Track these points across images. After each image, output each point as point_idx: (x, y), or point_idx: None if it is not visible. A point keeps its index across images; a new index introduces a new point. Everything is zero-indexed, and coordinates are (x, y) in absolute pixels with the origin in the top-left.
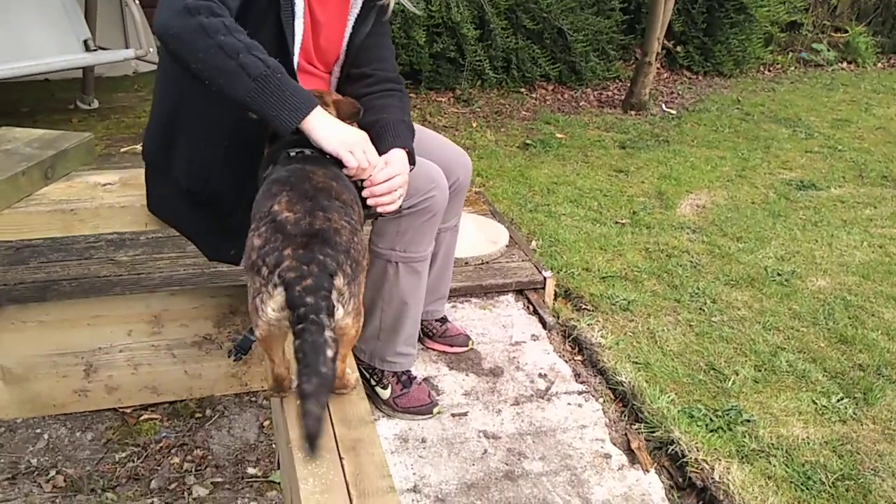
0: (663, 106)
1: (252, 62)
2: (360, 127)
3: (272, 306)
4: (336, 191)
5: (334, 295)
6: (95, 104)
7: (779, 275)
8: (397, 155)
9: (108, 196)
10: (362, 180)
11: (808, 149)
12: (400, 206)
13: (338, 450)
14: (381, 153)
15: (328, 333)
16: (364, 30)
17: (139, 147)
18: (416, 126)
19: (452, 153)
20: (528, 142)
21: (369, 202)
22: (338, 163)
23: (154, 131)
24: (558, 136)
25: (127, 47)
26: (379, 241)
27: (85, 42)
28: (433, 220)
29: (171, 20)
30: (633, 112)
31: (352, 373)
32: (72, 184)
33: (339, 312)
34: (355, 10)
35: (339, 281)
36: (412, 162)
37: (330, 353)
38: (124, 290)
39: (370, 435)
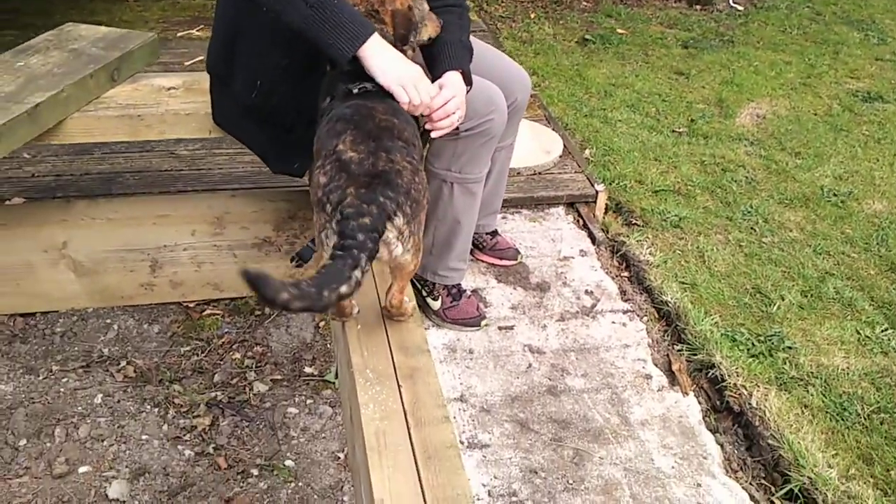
0: (730, 1)
1: None
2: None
3: (336, 241)
4: (398, 129)
5: (394, 233)
6: None
7: (835, 195)
8: (452, 78)
9: (172, 102)
10: None
11: (879, 56)
12: (458, 128)
13: (396, 377)
14: (437, 75)
15: (356, 273)
16: None
17: (195, 32)
18: (476, 42)
19: (512, 72)
20: (587, 37)
21: (426, 126)
22: None
23: (216, 47)
24: (619, 31)
25: None
26: (435, 162)
27: None
28: (490, 143)
29: None
30: (698, 7)
31: (409, 301)
32: (137, 86)
33: (399, 249)
34: None
35: (399, 220)
36: (468, 82)
37: (345, 289)
38: (186, 186)
39: (426, 363)
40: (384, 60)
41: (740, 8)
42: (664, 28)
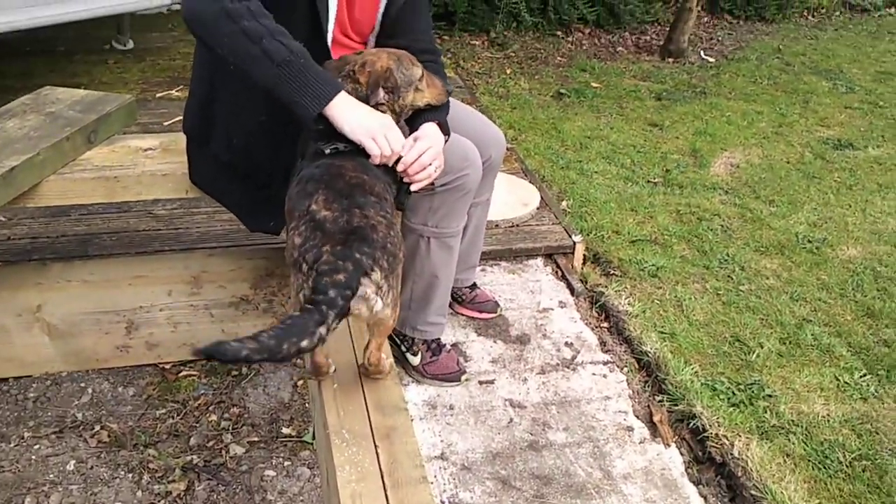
0: (702, 53)
1: (275, 48)
2: None
3: (307, 296)
4: (369, 184)
5: (372, 289)
6: (131, 45)
7: (809, 242)
8: (428, 129)
9: (149, 162)
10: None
11: (848, 104)
12: (433, 182)
13: (373, 437)
14: (413, 128)
15: (321, 329)
16: (399, 1)
17: (174, 92)
18: (452, 101)
19: (486, 130)
20: (562, 91)
21: (405, 180)
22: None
23: (193, 107)
24: (593, 85)
25: None
26: (412, 217)
27: None
28: (466, 198)
29: (196, 6)
30: (670, 59)
31: (387, 358)
32: (114, 148)
33: (379, 304)
34: None
35: (376, 275)
36: (446, 133)
37: (305, 343)
38: (163, 246)
39: (404, 423)
40: (352, 116)
41: (711, 60)
42: (637, 81)
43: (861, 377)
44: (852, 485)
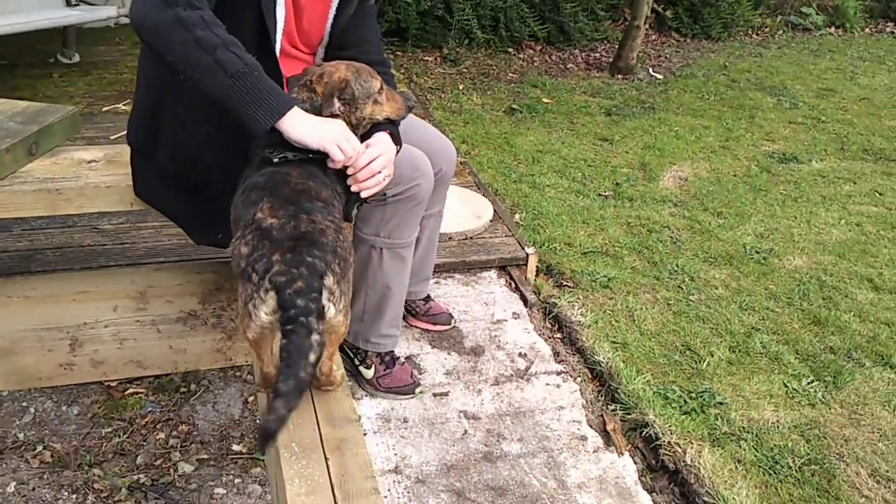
0: (650, 70)
1: (229, 59)
2: None
3: (265, 310)
4: (315, 190)
5: (325, 295)
6: (76, 58)
7: (757, 252)
8: (380, 137)
9: (93, 174)
10: (345, 168)
11: (792, 119)
12: (384, 192)
13: (323, 449)
14: (364, 139)
15: (315, 337)
16: (348, 12)
17: (121, 106)
18: None
19: (438, 143)
20: (514, 106)
21: (353, 188)
22: (318, 159)
23: (139, 118)
24: (545, 100)
25: (108, 0)
26: (364, 227)
27: None
28: (418, 208)
29: (147, 11)
30: (620, 76)
31: (338, 370)
32: (56, 160)
33: (332, 311)
34: None
35: (329, 280)
36: (398, 143)
37: (313, 357)
38: (108, 261)
39: (355, 434)
40: (308, 127)
41: (660, 77)
42: (588, 97)
43: (809, 384)
44: (802, 489)
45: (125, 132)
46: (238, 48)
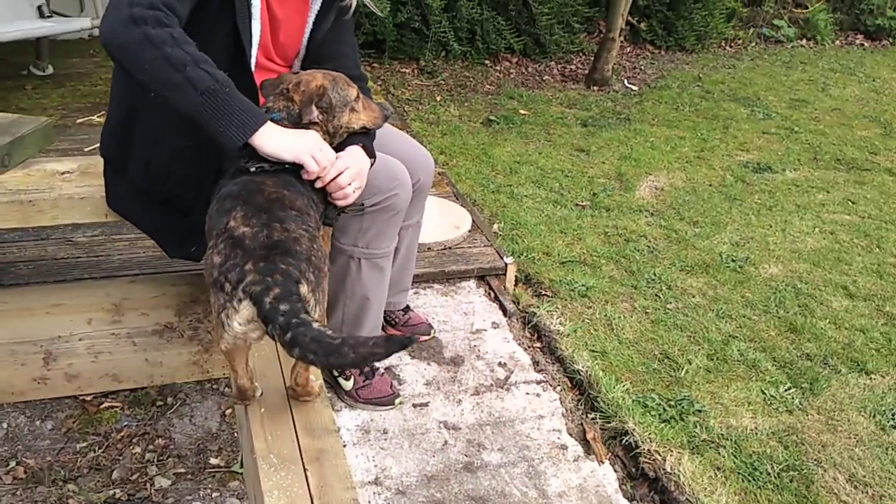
0: (626, 82)
1: (199, 76)
2: None
3: (238, 320)
4: (289, 199)
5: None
6: (50, 70)
7: (733, 261)
8: (350, 150)
9: (66, 186)
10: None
11: (766, 129)
12: (362, 202)
13: (302, 461)
14: (339, 149)
15: (317, 325)
16: (325, 26)
17: (95, 118)
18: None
19: (416, 154)
20: (491, 118)
21: (329, 198)
22: (294, 168)
23: (112, 131)
24: (522, 112)
25: (83, 10)
26: (342, 237)
27: (39, 8)
28: (396, 218)
29: (116, 30)
30: (595, 88)
31: (316, 380)
32: (29, 171)
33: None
34: (315, 7)
35: (303, 289)
36: (371, 155)
37: (336, 340)
38: (83, 274)
39: (334, 445)
40: (282, 141)
41: (635, 88)
42: (564, 108)
43: (786, 390)
44: (780, 495)
45: (99, 144)
46: (208, 65)
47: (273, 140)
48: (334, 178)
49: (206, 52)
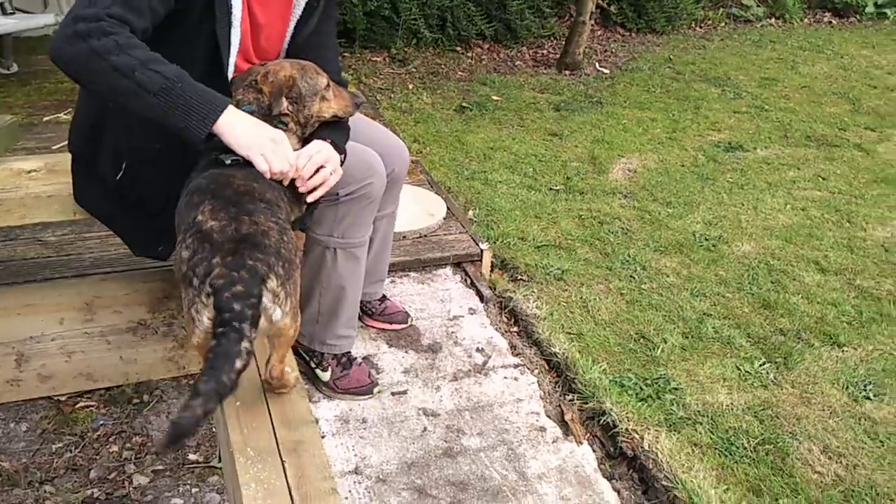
0: (597, 65)
1: (148, 78)
2: None
3: (207, 315)
4: (259, 191)
5: (269, 297)
6: (15, 68)
7: (706, 240)
8: (314, 143)
9: (33, 185)
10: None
11: (737, 109)
12: (336, 191)
13: (279, 452)
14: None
15: (244, 345)
16: (306, 30)
17: (62, 115)
18: (357, 115)
19: (391, 144)
20: (464, 104)
21: (301, 189)
22: None
23: (80, 128)
24: (494, 98)
25: (46, 6)
26: (317, 228)
27: (1, 5)
28: (371, 207)
29: (62, 48)
30: (567, 72)
31: (291, 371)
32: None
33: (277, 314)
34: (297, 11)
35: (272, 283)
36: (340, 152)
37: (239, 364)
38: (53, 273)
39: (311, 436)
40: (241, 131)
41: (606, 71)
42: (536, 93)
43: (760, 366)
44: (757, 468)
45: (66, 142)
46: (158, 63)
47: (234, 128)
48: (307, 164)
49: (185, 59)
